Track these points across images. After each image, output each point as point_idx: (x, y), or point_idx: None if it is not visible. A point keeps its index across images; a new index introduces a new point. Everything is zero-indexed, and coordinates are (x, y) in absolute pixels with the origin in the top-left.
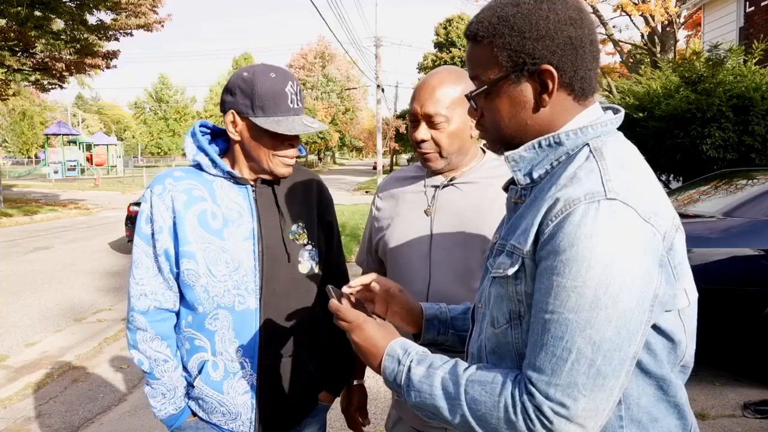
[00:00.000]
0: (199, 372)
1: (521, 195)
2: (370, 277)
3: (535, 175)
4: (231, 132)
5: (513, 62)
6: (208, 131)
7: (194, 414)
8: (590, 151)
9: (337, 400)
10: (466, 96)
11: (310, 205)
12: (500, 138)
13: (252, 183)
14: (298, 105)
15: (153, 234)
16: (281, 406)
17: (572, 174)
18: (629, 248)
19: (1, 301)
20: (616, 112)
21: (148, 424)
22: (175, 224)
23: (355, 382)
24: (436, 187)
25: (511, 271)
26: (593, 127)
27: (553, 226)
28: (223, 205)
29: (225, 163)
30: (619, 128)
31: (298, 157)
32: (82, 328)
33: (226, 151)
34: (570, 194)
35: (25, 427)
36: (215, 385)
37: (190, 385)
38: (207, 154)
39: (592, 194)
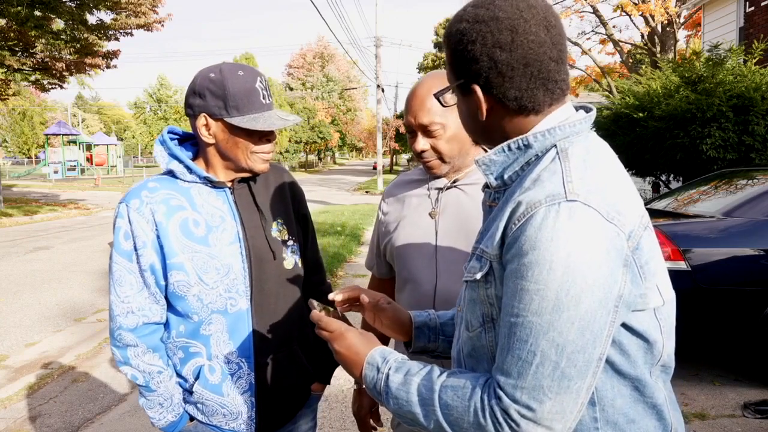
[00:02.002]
0: (196, 378)
1: (495, 198)
2: (357, 291)
3: (506, 178)
4: (204, 135)
5: (455, 75)
6: (177, 137)
7: (192, 418)
8: (557, 152)
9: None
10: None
11: (285, 200)
12: (470, 135)
13: (229, 185)
14: (269, 100)
15: (135, 249)
16: (279, 400)
17: (536, 176)
18: (590, 249)
19: (1, 301)
20: (588, 111)
21: (148, 424)
22: (158, 237)
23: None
24: (440, 189)
25: (479, 275)
26: (561, 128)
27: (516, 229)
28: (203, 211)
29: (200, 168)
30: (620, 129)
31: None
32: (82, 328)
33: (197, 155)
34: (531, 197)
35: (25, 427)
36: (214, 388)
37: (187, 392)
38: (181, 161)
39: (552, 196)
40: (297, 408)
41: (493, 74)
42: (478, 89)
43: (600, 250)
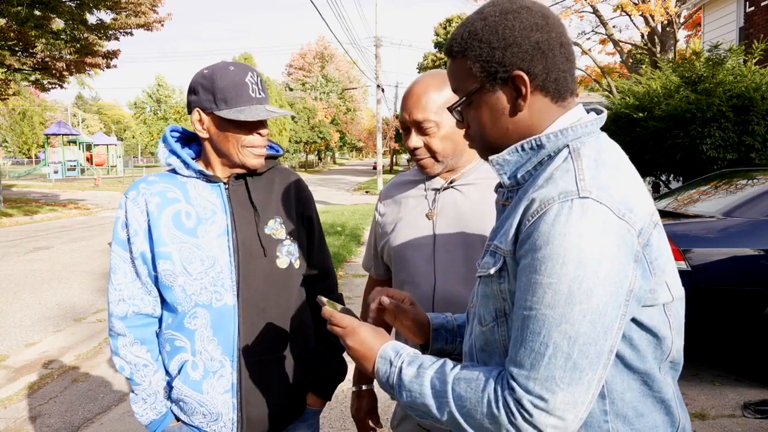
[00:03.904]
0: (179, 372)
1: (508, 197)
2: (382, 292)
3: (519, 177)
4: (199, 130)
5: (486, 72)
6: (180, 135)
7: (178, 419)
8: (569, 152)
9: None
10: (449, 108)
11: (288, 200)
12: (487, 146)
13: (225, 181)
14: (260, 94)
15: (129, 238)
16: (264, 406)
17: (549, 175)
18: (602, 244)
19: (1, 301)
20: (599, 113)
21: None
22: (149, 226)
23: (364, 387)
24: (437, 190)
25: (493, 270)
26: (573, 128)
27: (529, 225)
28: (196, 204)
29: (197, 164)
30: (620, 129)
31: (276, 156)
32: (82, 328)
33: (200, 153)
34: (545, 194)
35: (25, 427)
36: (194, 384)
37: (171, 387)
38: (179, 157)
39: (565, 193)
40: (287, 419)
41: (537, 55)
42: (522, 74)
43: (611, 246)
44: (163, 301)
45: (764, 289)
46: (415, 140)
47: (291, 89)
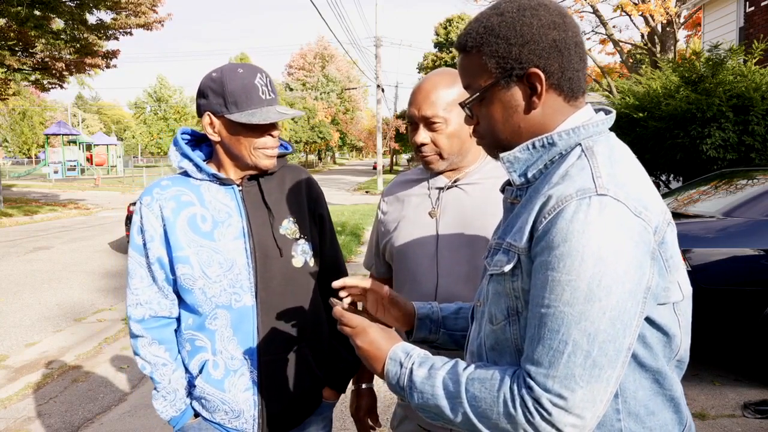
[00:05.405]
0: (200, 372)
1: (517, 195)
2: (361, 281)
3: (530, 175)
4: (210, 134)
5: (501, 68)
6: (191, 137)
7: (197, 414)
8: (582, 150)
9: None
10: (460, 104)
11: (299, 199)
12: (496, 143)
13: (238, 183)
14: (270, 96)
15: (145, 244)
16: (284, 403)
17: (564, 172)
18: (621, 241)
19: (1, 301)
20: (607, 113)
21: (148, 424)
22: (165, 231)
23: (363, 386)
24: (440, 188)
25: (507, 268)
26: (585, 127)
27: (546, 222)
28: (211, 207)
29: (210, 167)
30: (620, 129)
31: (286, 154)
32: (82, 328)
33: (211, 154)
34: (562, 191)
35: (25, 427)
36: (216, 383)
37: (192, 386)
38: (191, 160)
39: (583, 191)
40: (305, 413)
41: (553, 53)
42: (538, 72)
43: (629, 243)
44: (182, 302)
45: (764, 289)
46: (423, 136)
47: (291, 89)
